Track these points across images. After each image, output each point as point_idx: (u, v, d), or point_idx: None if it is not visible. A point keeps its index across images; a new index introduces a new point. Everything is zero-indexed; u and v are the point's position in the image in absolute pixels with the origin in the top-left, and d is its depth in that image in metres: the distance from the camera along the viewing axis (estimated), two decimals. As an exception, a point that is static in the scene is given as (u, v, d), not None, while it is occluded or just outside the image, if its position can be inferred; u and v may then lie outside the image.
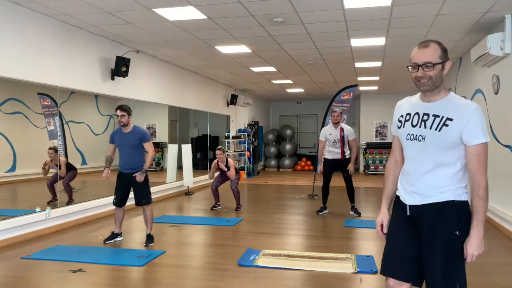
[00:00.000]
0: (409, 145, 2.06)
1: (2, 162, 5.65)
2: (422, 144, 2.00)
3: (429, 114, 1.99)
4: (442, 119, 1.96)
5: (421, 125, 2.01)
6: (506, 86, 5.78)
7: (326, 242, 5.23)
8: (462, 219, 1.97)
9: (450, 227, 1.96)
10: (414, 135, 2.03)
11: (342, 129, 6.62)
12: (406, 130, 2.07)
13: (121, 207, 5.02)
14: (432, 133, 1.97)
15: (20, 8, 5.13)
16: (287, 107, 17.89)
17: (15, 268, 4.13)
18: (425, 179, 2.01)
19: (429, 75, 1.95)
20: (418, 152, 2.03)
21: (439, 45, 1.99)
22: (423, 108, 2.03)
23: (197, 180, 10.13)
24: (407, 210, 2.08)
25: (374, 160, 14.79)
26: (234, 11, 5.41)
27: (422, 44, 1.99)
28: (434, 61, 1.95)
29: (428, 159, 2.00)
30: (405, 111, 2.12)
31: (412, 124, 2.04)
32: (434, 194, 1.99)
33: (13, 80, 5.19)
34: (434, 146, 1.97)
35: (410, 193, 2.07)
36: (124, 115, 4.84)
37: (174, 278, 3.87)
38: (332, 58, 8.52)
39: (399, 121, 2.13)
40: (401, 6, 5.20)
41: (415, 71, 1.98)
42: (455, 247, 1.95)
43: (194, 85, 10.35)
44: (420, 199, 2.02)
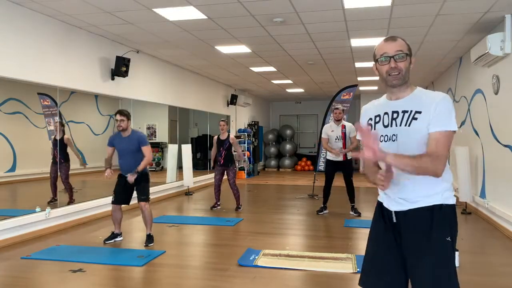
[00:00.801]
0: (385, 148, 1.87)
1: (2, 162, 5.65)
2: (397, 144, 1.89)
3: (398, 111, 1.90)
4: (411, 113, 1.87)
5: (392, 124, 1.91)
6: (506, 86, 5.78)
7: (326, 242, 5.23)
8: (452, 224, 1.88)
9: (440, 234, 1.84)
10: (387, 136, 1.93)
11: (344, 126, 6.65)
12: (379, 133, 1.96)
13: (118, 207, 5.02)
14: (403, 130, 1.88)
15: (20, 8, 5.13)
16: (287, 107, 17.89)
17: (15, 268, 4.13)
18: (408, 182, 1.89)
19: (400, 67, 1.87)
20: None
21: (404, 40, 1.95)
22: (391, 107, 1.94)
23: (197, 180, 10.13)
24: (392, 218, 1.95)
25: (374, 160, 14.76)
26: (234, 11, 5.41)
27: (389, 37, 1.95)
28: (405, 51, 1.89)
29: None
30: (373, 113, 2.02)
31: (384, 125, 1.95)
32: (420, 199, 1.88)
33: (13, 80, 5.19)
34: (407, 143, 1.86)
35: (394, 199, 1.95)
36: (124, 119, 4.83)
37: (174, 278, 3.87)
38: (332, 58, 8.52)
39: (370, 126, 2.00)
40: (401, 6, 5.20)
41: (387, 63, 1.89)
42: (447, 254, 1.84)
43: (194, 85, 10.35)
44: (406, 205, 1.90)
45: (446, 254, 1.84)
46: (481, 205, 6.71)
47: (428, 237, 1.85)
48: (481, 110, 6.86)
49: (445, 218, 1.86)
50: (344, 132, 6.61)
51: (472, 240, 5.41)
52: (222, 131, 7.19)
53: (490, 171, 6.40)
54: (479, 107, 7.02)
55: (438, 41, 6.99)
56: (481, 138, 6.86)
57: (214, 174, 7.29)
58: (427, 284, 1.84)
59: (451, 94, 9.29)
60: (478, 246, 5.16)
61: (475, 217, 6.69)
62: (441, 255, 1.83)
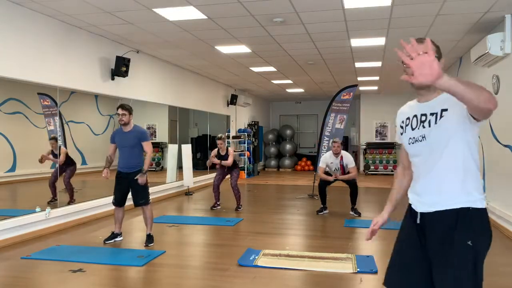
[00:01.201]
0: (412, 150, 1.96)
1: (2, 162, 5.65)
2: (424, 144, 1.90)
3: (427, 114, 1.91)
4: (438, 113, 1.86)
5: (420, 126, 1.93)
6: (506, 86, 5.78)
7: (326, 242, 5.23)
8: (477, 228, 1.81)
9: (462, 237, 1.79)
10: (414, 137, 1.95)
11: (342, 158, 6.81)
12: (407, 135, 1.99)
13: (121, 207, 5.03)
14: (432, 129, 1.88)
15: (20, 8, 5.13)
16: (287, 107, 17.89)
17: (15, 268, 4.13)
18: (432, 185, 1.89)
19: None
20: (422, 154, 1.93)
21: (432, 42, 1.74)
22: (420, 109, 1.95)
23: (197, 180, 10.13)
24: (417, 218, 1.95)
25: (374, 160, 14.79)
26: (234, 11, 5.41)
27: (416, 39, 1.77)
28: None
29: (433, 158, 1.88)
30: (405, 116, 2.04)
31: (412, 127, 1.97)
32: (445, 200, 1.85)
33: (13, 80, 5.19)
34: (435, 144, 1.87)
35: (421, 199, 1.94)
36: (125, 114, 4.86)
37: (174, 278, 3.87)
38: (332, 58, 8.52)
39: (401, 127, 2.05)
40: (401, 6, 5.20)
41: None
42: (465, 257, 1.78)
43: (194, 85, 10.35)
44: (431, 207, 1.88)
45: (465, 257, 1.78)
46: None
47: (450, 240, 1.82)
48: (481, 110, 6.85)
49: (470, 221, 1.81)
50: (342, 164, 6.80)
51: (472, 240, 5.40)
52: (220, 148, 7.18)
53: (490, 171, 6.40)
54: (479, 107, 7.00)
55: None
56: (481, 138, 6.85)
57: (216, 174, 7.30)
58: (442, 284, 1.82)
59: (451, 94, 9.27)
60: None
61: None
62: (459, 259, 1.78)
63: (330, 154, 6.93)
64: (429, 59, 1.52)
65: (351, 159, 6.84)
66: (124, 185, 4.95)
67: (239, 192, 7.27)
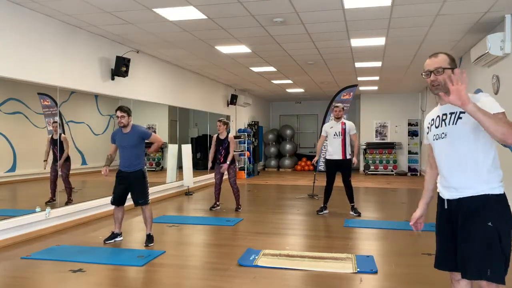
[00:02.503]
0: (437, 145, 2.33)
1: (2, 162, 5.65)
2: (446, 140, 2.26)
3: (447, 113, 2.27)
4: (456, 114, 2.22)
5: (442, 125, 2.29)
6: (506, 86, 5.78)
7: (326, 242, 5.23)
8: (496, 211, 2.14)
9: (483, 219, 2.13)
10: (438, 134, 2.32)
11: (343, 123, 6.70)
12: (432, 132, 2.36)
13: (120, 207, 5.03)
14: (451, 128, 2.24)
15: (20, 8, 5.13)
16: (287, 107, 17.89)
17: (15, 268, 4.13)
18: (455, 175, 2.23)
19: (439, 80, 2.23)
20: (443, 150, 2.28)
21: (447, 55, 2.28)
22: (441, 110, 2.32)
23: (197, 180, 10.13)
24: (445, 204, 2.30)
25: (374, 160, 14.79)
26: (234, 11, 5.41)
27: (433, 54, 2.32)
28: (444, 66, 2.24)
29: (452, 154, 2.24)
30: (430, 118, 2.41)
31: (436, 126, 2.34)
32: (468, 188, 2.19)
33: (13, 80, 5.19)
34: (454, 140, 2.22)
35: (447, 188, 2.29)
36: (124, 115, 4.86)
37: (174, 278, 3.87)
38: (332, 58, 8.52)
39: (427, 128, 2.42)
40: (401, 6, 5.20)
41: (428, 77, 2.28)
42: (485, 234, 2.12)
43: (194, 85, 10.35)
44: (456, 193, 2.24)
45: (485, 236, 2.11)
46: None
47: (471, 221, 2.17)
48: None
49: (489, 205, 2.15)
50: (344, 128, 6.65)
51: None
52: (220, 131, 7.16)
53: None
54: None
55: (438, 41, 6.99)
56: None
57: (214, 174, 7.29)
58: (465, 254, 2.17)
59: (451, 94, 9.28)
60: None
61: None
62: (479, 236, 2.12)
63: (331, 121, 6.86)
64: (462, 89, 1.99)
65: (353, 126, 6.75)
66: (124, 184, 4.96)
67: (238, 191, 7.26)
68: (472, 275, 2.16)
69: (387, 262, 4.30)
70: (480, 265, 2.12)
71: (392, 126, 14.98)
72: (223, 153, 7.12)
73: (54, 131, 6.08)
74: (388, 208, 7.73)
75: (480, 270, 2.12)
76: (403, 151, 14.84)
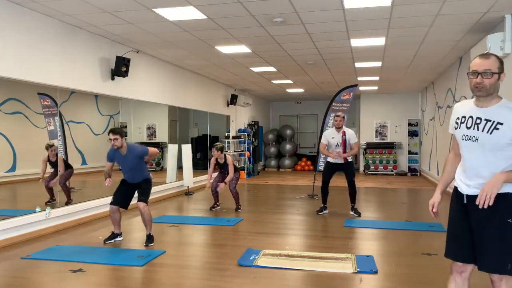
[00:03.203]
0: (464, 144, 2.36)
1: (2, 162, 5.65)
2: (476, 144, 2.29)
3: (482, 118, 2.28)
4: (493, 124, 2.23)
5: (475, 128, 2.30)
6: (506, 86, 5.78)
7: (326, 242, 5.23)
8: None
9: (503, 215, 2.23)
10: (468, 135, 2.32)
11: (344, 133, 6.64)
12: (462, 131, 2.36)
13: (116, 208, 5.01)
14: (484, 135, 2.26)
15: (20, 8, 5.13)
16: (287, 107, 17.89)
17: (15, 268, 4.13)
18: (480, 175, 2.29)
19: (485, 83, 2.22)
20: (472, 151, 2.32)
21: (497, 58, 2.27)
22: (476, 113, 2.31)
23: (197, 180, 10.13)
24: (463, 199, 2.36)
25: (374, 160, 14.79)
26: (234, 11, 5.41)
27: (483, 55, 2.29)
28: (493, 70, 2.22)
29: (481, 157, 2.28)
30: (461, 114, 2.40)
31: (467, 126, 2.34)
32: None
33: (13, 80, 5.19)
34: (486, 146, 2.26)
35: (467, 185, 2.35)
36: (117, 138, 4.77)
37: (174, 278, 3.87)
38: (332, 58, 8.52)
39: (456, 123, 2.42)
40: (401, 6, 5.20)
41: (475, 77, 2.24)
42: (506, 230, 2.22)
43: (194, 85, 10.35)
44: (476, 191, 2.29)
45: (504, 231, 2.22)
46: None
47: (491, 216, 2.25)
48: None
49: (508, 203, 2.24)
50: (345, 139, 6.62)
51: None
52: (215, 157, 7.12)
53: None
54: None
55: (438, 41, 6.99)
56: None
57: (215, 176, 7.31)
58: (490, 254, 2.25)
59: (451, 94, 9.29)
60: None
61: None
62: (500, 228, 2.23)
63: (332, 130, 6.81)
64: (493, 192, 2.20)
65: (353, 135, 6.70)
66: (128, 189, 5.03)
67: (238, 194, 7.26)
68: (491, 268, 2.26)
69: (387, 262, 4.30)
70: (501, 260, 2.22)
71: (392, 126, 14.99)
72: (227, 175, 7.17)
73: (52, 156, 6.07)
74: (388, 208, 7.73)
75: (500, 264, 2.22)
76: (403, 151, 14.84)
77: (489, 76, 2.21)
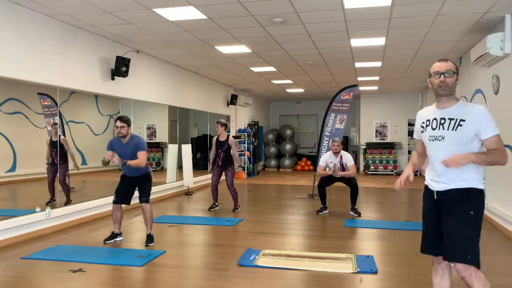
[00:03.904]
0: (431, 145, 2.57)
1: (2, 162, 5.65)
2: (442, 143, 2.50)
3: (445, 118, 2.50)
4: (457, 121, 2.46)
5: (440, 128, 2.52)
6: (506, 86, 5.78)
7: (326, 242, 5.23)
8: (476, 202, 2.46)
9: (466, 207, 2.44)
10: (434, 136, 2.54)
11: (342, 157, 6.85)
12: (428, 133, 2.58)
13: (118, 207, 5.02)
14: (450, 133, 2.47)
15: (20, 8, 5.13)
16: (287, 107, 17.89)
17: (15, 268, 4.13)
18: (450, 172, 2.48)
19: (448, 82, 2.47)
20: (439, 149, 2.52)
21: (453, 63, 2.55)
22: (439, 114, 2.54)
23: (197, 180, 10.13)
24: (434, 195, 2.57)
25: (374, 160, 14.79)
26: (234, 11, 5.41)
27: (442, 59, 2.57)
28: (453, 70, 2.51)
29: (448, 153, 2.45)
30: (425, 118, 2.63)
31: (432, 128, 2.56)
32: (455, 182, 2.48)
33: (13, 80, 5.19)
34: (452, 143, 2.47)
35: (436, 182, 2.56)
36: (124, 126, 4.80)
37: (174, 278, 3.87)
38: (332, 58, 8.52)
39: (421, 127, 2.65)
40: (401, 6, 5.20)
41: (438, 77, 2.49)
42: (467, 222, 2.42)
43: (194, 85, 10.35)
44: (445, 186, 2.52)
45: (467, 219, 2.42)
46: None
47: (456, 210, 2.46)
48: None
49: (471, 197, 2.46)
50: (342, 163, 6.83)
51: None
52: (219, 133, 7.13)
53: (490, 171, 6.40)
54: (479, 107, 7.00)
55: (438, 41, 6.99)
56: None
57: (212, 175, 7.29)
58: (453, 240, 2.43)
59: (451, 94, 9.27)
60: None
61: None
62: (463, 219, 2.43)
63: (330, 154, 6.99)
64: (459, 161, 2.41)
65: (350, 158, 6.91)
66: (128, 185, 5.00)
67: (236, 193, 7.25)
68: (453, 257, 2.43)
69: (387, 262, 4.30)
70: (462, 249, 2.39)
71: (392, 126, 14.98)
72: (222, 156, 7.09)
73: (54, 133, 6.08)
74: (388, 208, 7.74)
75: (461, 254, 2.39)
76: (403, 151, 14.84)
77: (451, 75, 2.48)
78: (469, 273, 2.38)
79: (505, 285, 3.72)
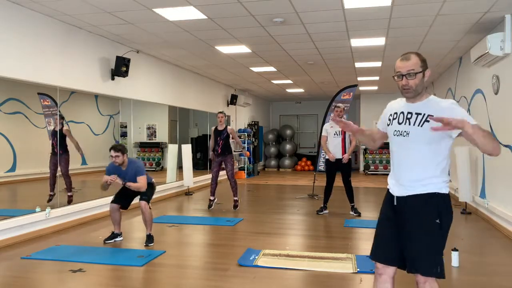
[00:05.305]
0: (395, 140, 2.34)
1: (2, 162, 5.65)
2: (407, 139, 2.26)
3: (412, 113, 2.26)
4: (424, 116, 2.21)
5: (406, 122, 2.28)
6: (506, 86, 5.78)
7: (326, 242, 5.23)
8: (442, 209, 2.22)
9: (431, 216, 2.20)
10: (399, 131, 2.31)
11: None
12: (393, 127, 2.35)
13: (117, 207, 5.01)
14: (415, 129, 2.23)
15: (20, 8, 5.13)
16: (287, 107, 17.89)
17: (15, 268, 4.13)
18: (409, 173, 2.27)
19: (411, 84, 2.22)
20: (403, 147, 2.29)
21: (418, 56, 2.26)
22: (407, 108, 2.30)
23: (197, 180, 10.13)
24: (394, 201, 2.33)
25: (374, 160, 14.78)
26: (234, 11, 5.41)
27: (403, 56, 2.27)
28: (416, 69, 2.22)
29: (411, 153, 2.26)
30: (393, 110, 2.40)
31: (398, 122, 2.32)
32: (418, 187, 2.23)
33: (13, 80, 5.19)
34: (416, 140, 2.23)
35: (397, 185, 2.33)
36: (119, 155, 4.78)
37: (174, 278, 3.87)
38: (332, 58, 8.52)
39: (388, 120, 2.42)
40: (401, 6, 5.20)
41: (400, 80, 2.25)
42: (434, 232, 2.19)
43: (194, 85, 10.35)
44: (405, 191, 2.27)
45: (433, 233, 2.19)
46: (481, 205, 6.71)
47: (419, 218, 2.22)
48: (481, 110, 6.86)
49: (437, 203, 2.22)
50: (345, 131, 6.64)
51: (472, 240, 5.41)
52: (220, 123, 7.23)
53: (490, 171, 6.40)
54: (479, 107, 7.02)
55: (438, 41, 6.99)
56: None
57: (212, 166, 7.32)
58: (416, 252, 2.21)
59: (451, 94, 9.29)
60: (478, 246, 5.16)
61: (475, 217, 6.69)
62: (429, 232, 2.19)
63: (330, 122, 6.91)
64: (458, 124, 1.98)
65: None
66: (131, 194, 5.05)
67: (236, 184, 7.30)
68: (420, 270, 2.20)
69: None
70: (430, 262, 2.18)
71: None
72: (221, 144, 7.20)
73: (56, 124, 6.08)
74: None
75: (430, 266, 2.18)
76: (403, 151, 14.82)
77: (413, 77, 2.21)
78: (425, 280, 2.22)
79: (505, 285, 3.72)
